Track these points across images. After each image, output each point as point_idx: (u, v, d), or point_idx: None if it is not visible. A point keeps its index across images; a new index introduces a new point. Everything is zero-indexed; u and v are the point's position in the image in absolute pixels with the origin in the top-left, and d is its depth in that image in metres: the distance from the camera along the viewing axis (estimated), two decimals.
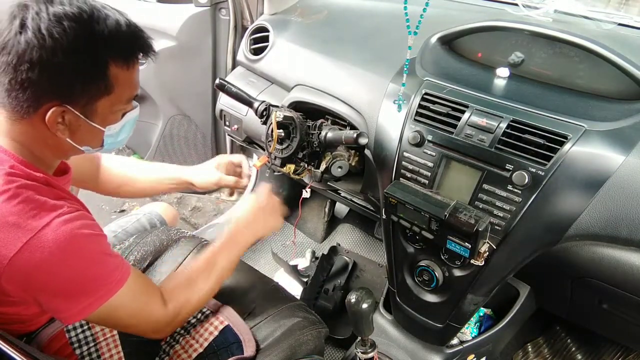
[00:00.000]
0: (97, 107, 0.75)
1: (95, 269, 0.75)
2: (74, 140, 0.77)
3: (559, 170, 0.83)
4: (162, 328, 0.87)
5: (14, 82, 0.69)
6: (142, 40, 0.78)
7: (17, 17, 0.68)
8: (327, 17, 1.45)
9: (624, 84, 0.91)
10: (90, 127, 0.77)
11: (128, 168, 1.23)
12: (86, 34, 0.69)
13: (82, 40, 0.69)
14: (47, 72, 0.68)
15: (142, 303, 0.82)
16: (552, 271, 1.06)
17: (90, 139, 0.80)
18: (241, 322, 1.02)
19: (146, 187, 1.24)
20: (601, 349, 1.42)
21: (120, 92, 0.76)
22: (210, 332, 1.00)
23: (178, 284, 0.90)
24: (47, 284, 0.71)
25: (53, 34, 0.66)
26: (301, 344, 1.02)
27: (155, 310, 0.84)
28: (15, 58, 0.67)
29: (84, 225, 0.74)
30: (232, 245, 1.00)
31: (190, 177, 1.22)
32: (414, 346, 1.29)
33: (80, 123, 0.75)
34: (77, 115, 0.74)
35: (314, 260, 1.82)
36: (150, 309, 0.83)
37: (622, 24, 1.15)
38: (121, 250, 1.19)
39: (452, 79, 0.99)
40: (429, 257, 1.06)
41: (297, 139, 1.05)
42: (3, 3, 0.71)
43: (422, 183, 0.97)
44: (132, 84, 0.79)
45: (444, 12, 1.31)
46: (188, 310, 0.90)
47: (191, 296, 0.90)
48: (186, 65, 1.78)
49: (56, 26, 0.67)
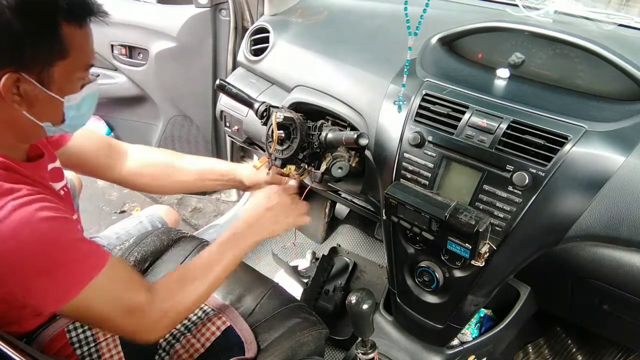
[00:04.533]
0: (54, 73, 0.70)
1: (62, 255, 0.70)
2: (32, 114, 0.72)
3: (560, 171, 0.83)
4: (147, 327, 0.79)
5: None
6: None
7: None
8: (327, 18, 1.45)
9: (624, 84, 0.91)
10: (48, 96, 0.72)
11: (168, 158, 1.17)
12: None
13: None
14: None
15: (123, 295, 0.76)
16: (552, 272, 1.06)
17: (49, 112, 0.75)
18: (244, 323, 1.02)
19: (189, 180, 1.17)
20: (602, 349, 1.42)
21: (76, 56, 0.71)
22: (213, 332, 1.00)
23: (170, 282, 0.85)
24: (8, 275, 0.67)
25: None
26: (301, 345, 1.02)
27: (138, 304, 0.77)
28: None
29: (44, 208, 0.69)
30: (232, 246, 0.94)
31: (242, 175, 1.19)
32: (415, 347, 1.29)
33: (36, 92, 0.70)
34: (33, 84, 0.69)
35: (314, 261, 1.82)
36: (132, 302, 0.76)
37: (622, 24, 1.15)
38: (122, 251, 1.19)
39: (453, 79, 0.99)
40: (429, 258, 1.06)
41: (297, 140, 1.05)
42: None
43: (423, 184, 0.97)
44: (88, 47, 0.74)
45: (444, 13, 1.31)
46: (180, 311, 0.84)
47: (184, 297, 0.84)
48: (186, 66, 1.78)
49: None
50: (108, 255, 0.76)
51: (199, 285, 0.86)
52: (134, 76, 1.85)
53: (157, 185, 1.18)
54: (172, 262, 1.18)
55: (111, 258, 0.76)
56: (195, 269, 0.88)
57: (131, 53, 1.81)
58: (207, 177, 1.19)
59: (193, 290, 0.85)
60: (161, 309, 0.80)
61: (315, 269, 1.66)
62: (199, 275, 0.87)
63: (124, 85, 1.87)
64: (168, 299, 0.82)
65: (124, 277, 0.78)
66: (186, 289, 0.85)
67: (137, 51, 1.80)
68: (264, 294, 1.12)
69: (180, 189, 1.24)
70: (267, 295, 1.12)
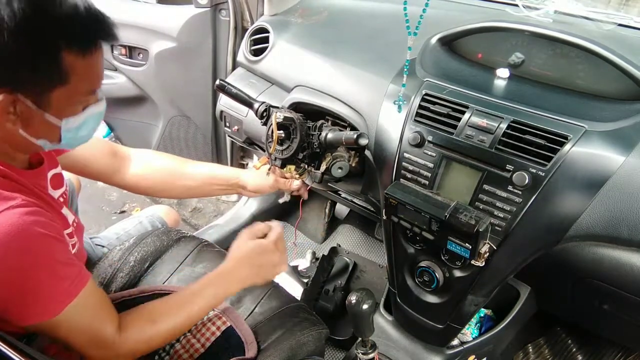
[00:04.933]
0: (52, 97, 0.68)
1: (38, 275, 0.68)
2: (27, 133, 0.71)
3: (559, 171, 0.83)
4: (109, 358, 0.78)
5: None
6: (103, 25, 0.70)
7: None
8: (327, 18, 1.45)
9: (624, 84, 0.91)
10: (45, 119, 0.70)
11: (172, 163, 1.17)
12: (36, 15, 0.63)
13: (31, 22, 0.62)
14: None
15: (91, 326, 0.75)
16: (552, 272, 1.06)
17: (45, 132, 0.72)
18: (244, 323, 1.02)
19: (193, 186, 1.17)
20: (602, 349, 1.42)
21: (77, 82, 0.69)
22: (213, 332, 1.00)
23: (141, 319, 0.82)
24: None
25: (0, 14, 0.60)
26: (301, 345, 1.02)
27: (106, 338, 0.76)
28: None
29: (37, 223, 0.68)
30: (211, 292, 0.88)
31: (246, 181, 1.19)
32: (415, 347, 1.29)
33: (33, 114, 0.69)
34: (29, 106, 0.67)
35: (314, 261, 1.82)
36: (100, 335, 0.75)
37: (622, 24, 1.15)
38: (121, 251, 1.19)
39: (452, 79, 0.99)
40: (429, 258, 1.05)
41: (297, 140, 1.05)
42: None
43: (423, 184, 0.97)
44: (92, 75, 0.72)
45: (444, 13, 1.31)
46: (149, 348, 0.82)
47: (154, 335, 0.81)
48: (186, 66, 1.78)
49: (5, 8, 0.61)
50: (85, 281, 0.75)
51: (171, 324, 0.84)
52: (134, 76, 1.85)
53: (161, 190, 1.19)
54: (172, 262, 1.18)
55: (87, 286, 0.75)
56: (170, 308, 0.85)
57: (131, 53, 1.81)
58: (211, 183, 1.19)
59: (164, 330, 0.83)
60: (129, 347, 0.79)
61: (315, 269, 1.66)
62: (172, 315, 0.84)
63: (124, 86, 1.87)
64: (138, 337, 0.80)
65: (94, 305, 0.76)
66: (157, 327, 0.82)
67: (137, 51, 1.80)
68: (264, 294, 1.12)
69: (183, 194, 1.25)
70: (267, 296, 1.12)
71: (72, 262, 0.75)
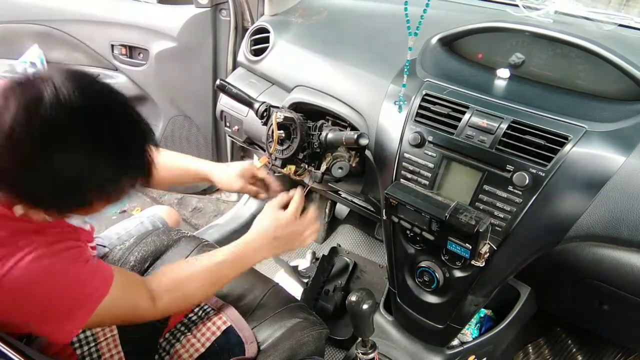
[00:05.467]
0: (69, 214, 0.75)
1: (73, 294, 0.74)
2: (50, 217, 0.74)
3: (560, 171, 0.82)
4: (157, 317, 0.89)
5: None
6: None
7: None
8: (327, 18, 1.45)
9: (625, 84, 0.91)
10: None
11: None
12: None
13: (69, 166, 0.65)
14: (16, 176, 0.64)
15: (129, 306, 0.83)
16: (552, 272, 1.06)
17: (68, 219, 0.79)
18: (244, 323, 1.02)
19: (169, 176, 1.18)
20: (602, 350, 1.42)
21: (97, 207, 0.74)
22: (213, 332, 1.00)
23: (171, 283, 0.89)
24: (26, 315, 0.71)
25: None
26: (301, 345, 1.02)
27: (143, 311, 0.85)
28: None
29: (56, 261, 0.72)
30: (237, 262, 0.96)
31: (209, 173, 1.18)
32: (415, 347, 1.29)
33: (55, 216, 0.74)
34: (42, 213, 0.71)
35: (314, 261, 1.82)
36: (138, 311, 0.84)
37: (622, 24, 1.15)
38: (122, 251, 1.19)
39: (453, 80, 0.99)
40: (429, 258, 1.05)
41: (297, 140, 1.05)
42: None
43: (423, 184, 0.97)
44: (112, 200, 0.75)
45: (445, 13, 1.31)
46: (179, 308, 0.94)
47: (183, 299, 0.90)
48: (187, 66, 1.78)
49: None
50: (111, 278, 0.79)
51: (198, 291, 0.92)
52: (134, 76, 1.85)
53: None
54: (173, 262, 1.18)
55: (112, 285, 0.79)
56: (197, 275, 0.92)
57: (131, 53, 1.81)
58: (188, 173, 1.20)
59: (193, 295, 0.92)
60: (163, 309, 0.87)
61: (316, 269, 1.66)
62: (200, 280, 0.91)
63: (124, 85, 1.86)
64: (169, 301, 0.88)
65: (125, 289, 0.82)
66: (186, 292, 0.90)
67: (138, 51, 1.80)
68: (264, 294, 1.12)
69: (163, 186, 1.25)
70: (267, 295, 1.12)
71: (92, 267, 0.78)
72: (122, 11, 1.74)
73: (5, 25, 1.80)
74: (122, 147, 0.69)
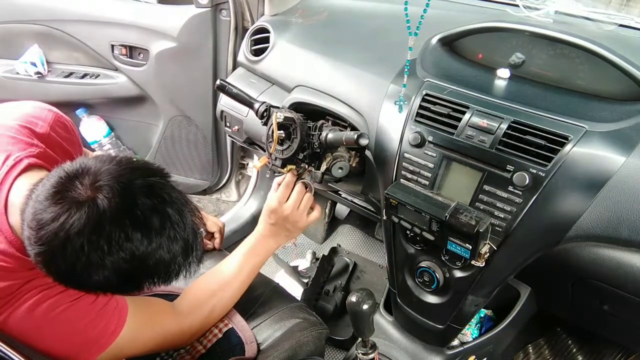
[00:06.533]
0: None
1: (76, 339, 0.75)
2: None
3: (560, 171, 0.82)
4: (186, 340, 0.94)
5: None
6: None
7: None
8: (327, 19, 1.45)
9: (625, 84, 0.91)
10: None
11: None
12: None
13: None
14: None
15: (154, 335, 0.85)
16: (552, 272, 1.06)
17: None
18: (245, 324, 1.03)
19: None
20: (602, 350, 1.42)
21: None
22: (215, 334, 1.00)
23: (198, 299, 0.95)
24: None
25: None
26: (301, 345, 1.02)
27: (171, 332, 0.88)
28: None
29: (56, 302, 0.73)
30: (254, 256, 1.03)
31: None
32: (415, 347, 1.28)
33: None
34: None
35: (314, 261, 1.82)
36: (165, 333, 0.87)
37: (622, 25, 1.15)
38: None
39: (453, 80, 0.99)
40: (429, 258, 1.05)
41: (297, 140, 1.05)
42: None
43: (423, 184, 0.97)
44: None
45: (445, 13, 1.31)
46: (214, 318, 0.97)
47: (212, 310, 0.96)
48: (187, 66, 1.78)
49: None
50: (125, 309, 0.81)
51: (229, 295, 0.98)
52: (135, 76, 1.84)
53: None
54: None
55: (129, 307, 0.81)
56: (218, 283, 0.98)
57: (131, 53, 1.81)
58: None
59: (219, 305, 0.97)
60: (194, 328, 0.93)
61: (316, 269, 1.66)
62: (227, 287, 0.98)
63: (124, 86, 1.86)
64: (200, 316, 0.94)
65: (144, 317, 0.85)
66: (212, 305, 0.96)
67: (138, 51, 1.80)
68: (264, 294, 1.12)
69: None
70: (268, 296, 1.12)
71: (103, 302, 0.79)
72: (122, 11, 1.74)
73: (5, 25, 1.80)
74: (171, 234, 0.70)
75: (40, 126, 0.87)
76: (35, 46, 1.82)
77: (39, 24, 1.77)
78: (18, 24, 1.79)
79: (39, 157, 0.80)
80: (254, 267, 1.03)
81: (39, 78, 1.82)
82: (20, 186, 0.72)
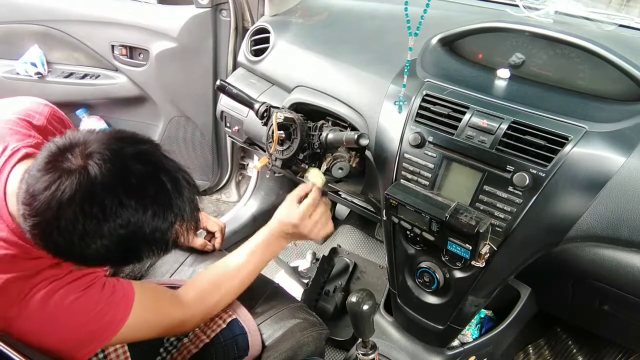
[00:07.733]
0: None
1: (88, 327, 0.76)
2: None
3: (560, 172, 0.82)
4: (189, 328, 0.96)
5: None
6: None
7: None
8: (327, 19, 1.45)
9: (625, 85, 0.90)
10: None
11: None
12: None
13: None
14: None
15: (160, 321, 0.87)
16: (553, 273, 1.06)
17: None
18: (248, 315, 1.04)
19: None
20: (602, 350, 1.42)
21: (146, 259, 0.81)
22: (219, 324, 1.01)
23: (203, 289, 0.96)
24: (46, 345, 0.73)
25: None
26: (302, 346, 1.02)
27: (176, 320, 0.90)
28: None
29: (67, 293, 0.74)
30: (262, 252, 1.03)
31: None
32: (415, 348, 1.28)
33: None
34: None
35: (314, 261, 1.82)
36: (170, 321, 0.89)
37: (622, 25, 1.15)
38: None
39: (453, 80, 0.99)
40: (429, 259, 1.05)
41: (297, 140, 1.05)
42: None
43: (423, 184, 0.97)
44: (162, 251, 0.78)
45: (445, 14, 1.31)
46: (219, 308, 0.99)
47: (219, 298, 0.97)
48: (187, 67, 1.78)
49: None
50: (132, 295, 0.82)
51: (231, 288, 0.99)
52: (135, 76, 1.84)
53: None
54: (173, 263, 1.18)
55: (135, 294, 0.82)
56: (228, 274, 1.00)
57: (132, 53, 1.81)
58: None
59: (227, 293, 0.99)
60: (197, 317, 0.94)
61: (316, 269, 1.66)
62: (230, 279, 0.99)
63: (125, 86, 1.87)
64: (205, 306, 0.95)
65: (156, 304, 0.87)
66: (220, 293, 0.97)
67: (138, 51, 1.80)
68: (265, 294, 1.12)
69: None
70: (268, 296, 1.12)
71: (110, 295, 0.79)
72: (122, 11, 1.74)
73: (5, 25, 1.80)
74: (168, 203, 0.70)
75: (38, 119, 0.89)
76: (35, 46, 1.82)
77: (39, 24, 1.77)
78: (18, 24, 1.80)
79: (36, 148, 0.81)
80: (261, 263, 1.04)
81: (39, 78, 1.82)
82: (18, 174, 0.73)
